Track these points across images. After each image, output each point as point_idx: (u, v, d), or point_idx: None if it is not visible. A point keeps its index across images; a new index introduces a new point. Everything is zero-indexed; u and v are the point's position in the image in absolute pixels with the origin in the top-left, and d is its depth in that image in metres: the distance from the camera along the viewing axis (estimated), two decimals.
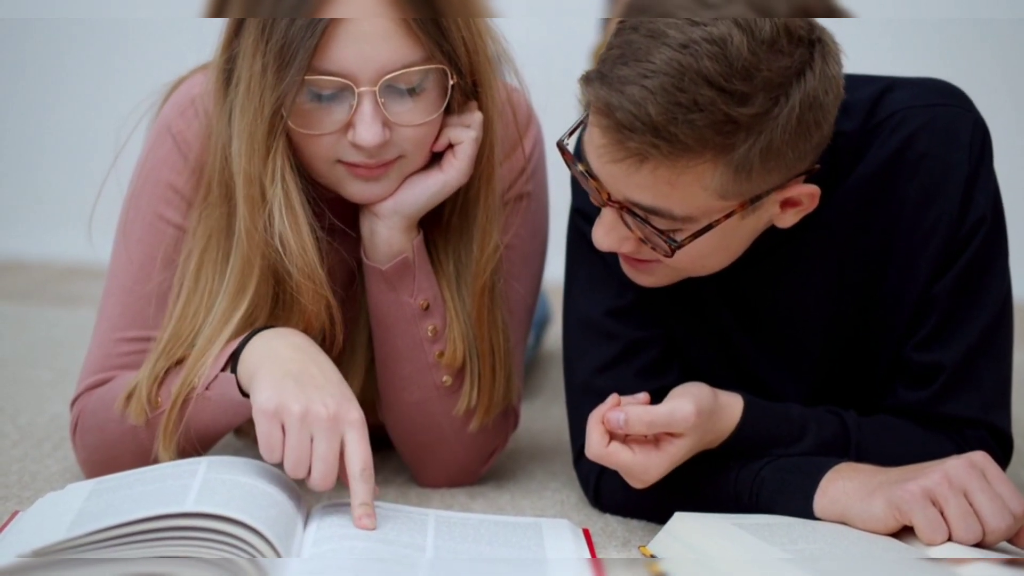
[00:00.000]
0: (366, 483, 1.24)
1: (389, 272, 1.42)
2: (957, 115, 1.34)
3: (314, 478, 1.23)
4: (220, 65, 1.36)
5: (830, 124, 1.24)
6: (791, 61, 1.18)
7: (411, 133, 1.35)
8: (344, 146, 1.34)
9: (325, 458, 1.23)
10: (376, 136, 1.32)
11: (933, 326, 1.36)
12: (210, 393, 1.35)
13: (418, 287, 1.43)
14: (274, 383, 1.26)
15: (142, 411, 1.36)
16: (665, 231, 1.25)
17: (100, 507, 1.19)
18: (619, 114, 1.18)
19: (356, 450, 1.24)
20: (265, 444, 1.24)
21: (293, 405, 1.24)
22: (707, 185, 1.21)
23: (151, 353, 1.40)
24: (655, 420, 1.27)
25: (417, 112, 1.35)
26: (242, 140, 1.33)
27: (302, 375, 1.27)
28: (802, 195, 1.27)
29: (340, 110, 1.32)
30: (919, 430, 1.38)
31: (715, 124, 1.17)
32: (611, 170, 1.22)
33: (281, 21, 1.29)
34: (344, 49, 1.30)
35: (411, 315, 1.44)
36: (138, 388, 1.37)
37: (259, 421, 1.24)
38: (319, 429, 1.24)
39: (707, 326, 1.43)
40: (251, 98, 1.31)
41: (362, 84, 1.31)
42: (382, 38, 1.30)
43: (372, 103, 1.31)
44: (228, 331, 1.36)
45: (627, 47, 1.19)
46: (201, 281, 1.40)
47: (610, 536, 1.39)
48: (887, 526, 1.23)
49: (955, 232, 1.33)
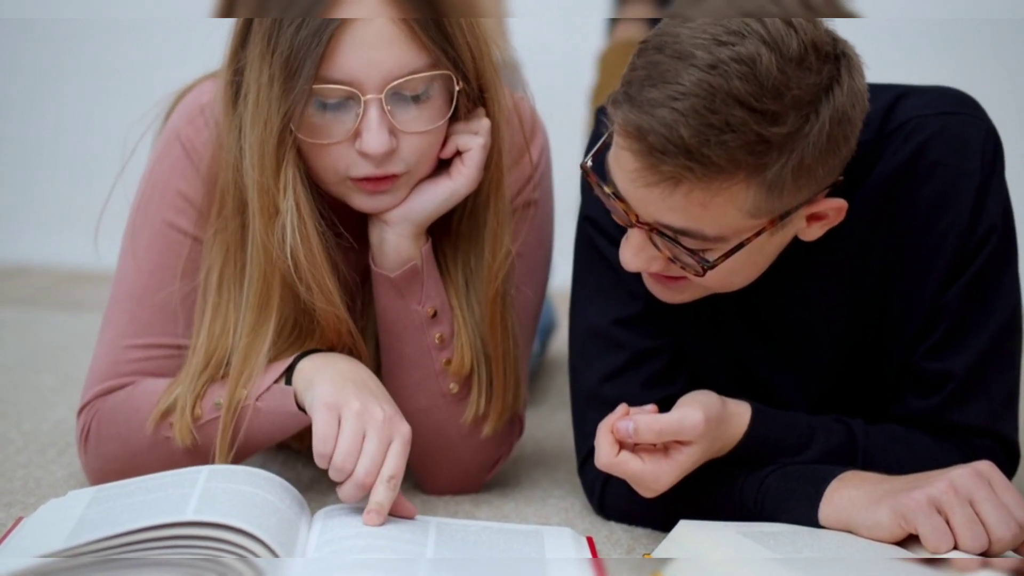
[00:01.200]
0: (390, 490, 1.28)
1: (398, 279, 1.42)
2: (969, 123, 1.34)
3: (358, 473, 1.27)
4: (227, 78, 1.37)
5: (856, 138, 1.24)
6: (819, 78, 1.18)
7: (417, 141, 1.35)
8: (352, 158, 1.34)
9: (374, 457, 1.27)
10: (383, 144, 1.32)
11: (943, 334, 1.36)
12: (261, 405, 1.36)
13: (426, 295, 1.43)
14: (334, 383, 1.32)
15: (187, 430, 1.37)
16: (696, 251, 1.25)
17: (101, 515, 1.19)
18: (651, 138, 1.17)
19: (395, 458, 1.29)
20: (320, 435, 1.28)
21: (353, 401, 1.29)
22: (740, 205, 1.20)
23: (184, 371, 1.40)
24: (664, 428, 1.27)
25: (423, 119, 1.35)
26: (253, 153, 1.34)
27: (359, 383, 1.33)
28: (829, 209, 1.27)
29: (347, 119, 1.33)
30: (926, 439, 1.37)
31: (748, 145, 1.16)
32: (644, 194, 1.22)
33: (286, 31, 1.29)
34: (349, 57, 1.30)
35: (419, 322, 1.44)
36: (180, 407, 1.37)
37: (318, 413, 1.29)
38: (373, 428, 1.28)
39: (717, 335, 1.43)
40: (260, 111, 1.32)
41: (368, 92, 1.31)
42: (387, 44, 1.30)
43: (378, 110, 1.32)
44: (265, 344, 1.38)
45: (653, 68, 1.19)
46: (224, 295, 1.41)
47: (615, 544, 1.39)
48: (892, 535, 1.23)
49: (966, 240, 1.33)
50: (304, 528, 1.26)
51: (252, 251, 1.38)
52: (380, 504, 1.27)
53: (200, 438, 1.37)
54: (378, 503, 1.27)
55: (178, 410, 1.37)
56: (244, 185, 1.37)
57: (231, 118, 1.37)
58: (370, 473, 1.27)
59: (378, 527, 1.25)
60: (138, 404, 1.40)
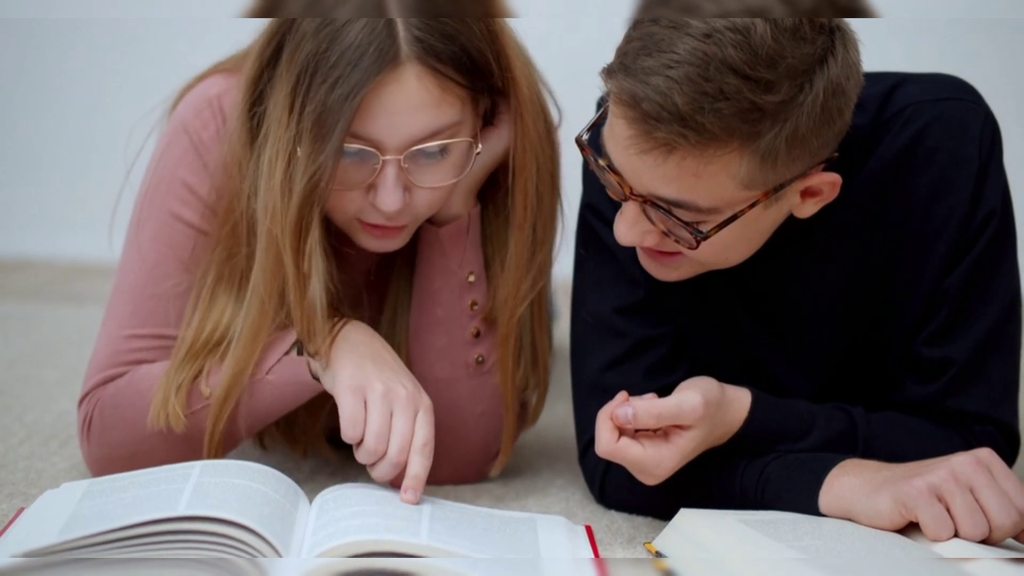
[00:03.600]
0: (425, 458, 1.30)
1: (444, 234, 1.43)
2: (968, 109, 1.34)
3: (391, 453, 1.29)
4: (244, 110, 1.36)
5: (851, 111, 1.24)
6: (814, 48, 1.18)
7: (430, 196, 1.36)
8: (364, 204, 1.35)
9: (404, 433, 1.29)
10: (397, 202, 1.32)
11: (943, 321, 1.36)
12: (272, 377, 1.37)
13: (467, 257, 1.44)
14: (355, 363, 1.33)
15: (179, 418, 1.37)
16: (690, 223, 1.25)
17: (93, 511, 1.19)
18: (645, 105, 1.17)
19: (424, 427, 1.31)
20: (349, 419, 1.29)
21: (376, 383, 1.31)
22: (733, 175, 1.20)
23: (171, 363, 1.40)
24: (663, 412, 1.27)
25: (439, 175, 1.35)
26: (271, 205, 1.32)
27: (377, 358, 1.34)
28: (823, 184, 1.27)
29: (363, 169, 1.32)
30: (927, 426, 1.37)
31: (741, 112, 1.16)
32: (637, 163, 1.22)
33: (318, 88, 1.26)
34: (377, 119, 1.29)
35: (455, 285, 1.45)
36: (167, 400, 1.37)
37: (343, 397, 1.31)
38: (399, 406, 1.30)
39: (719, 322, 1.43)
40: (283, 164, 1.30)
41: (388, 152, 1.31)
42: (415, 109, 1.29)
43: (395, 170, 1.31)
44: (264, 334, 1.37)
45: (649, 39, 1.19)
46: (218, 304, 1.41)
47: (615, 533, 1.39)
48: (893, 522, 1.23)
49: (966, 226, 1.33)
50: (302, 516, 1.26)
51: (256, 274, 1.37)
52: (417, 477, 1.29)
53: (192, 424, 1.38)
54: (415, 476, 1.29)
55: (166, 403, 1.37)
56: (255, 218, 1.36)
57: (248, 151, 1.36)
58: (403, 450, 1.29)
59: (373, 507, 1.25)
60: (141, 387, 1.40)
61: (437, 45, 1.28)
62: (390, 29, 1.27)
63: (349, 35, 1.26)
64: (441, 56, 1.28)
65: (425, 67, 1.28)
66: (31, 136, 3.46)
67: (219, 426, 1.38)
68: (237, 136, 1.38)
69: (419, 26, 1.28)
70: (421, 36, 1.27)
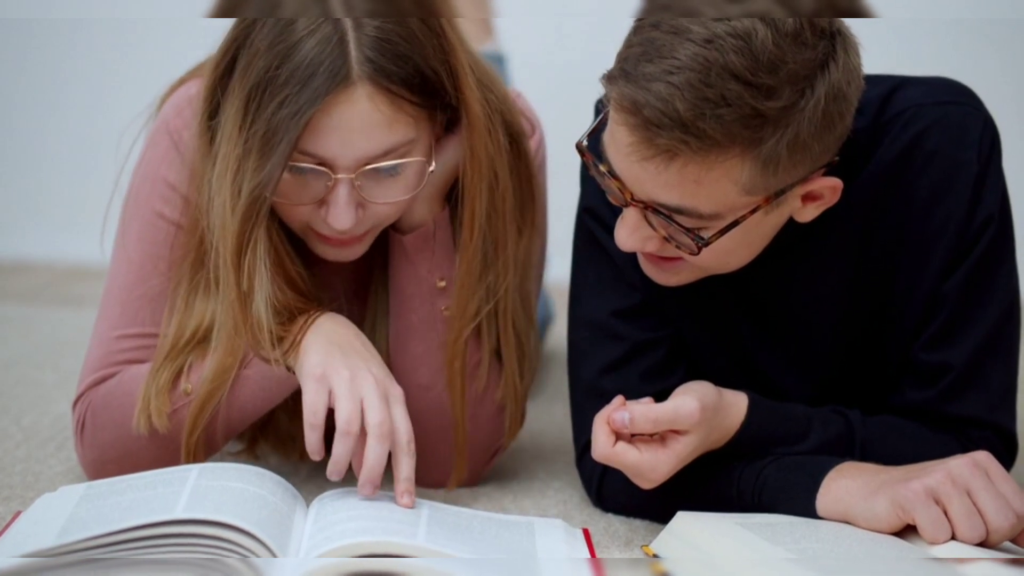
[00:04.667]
0: (410, 457, 1.29)
1: (408, 241, 1.42)
2: (967, 113, 1.34)
3: (372, 427, 1.27)
4: (202, 122, 1.35)
5: (852, 115, 1.24)
6: (815, 53, 1.18)
7: (385, 210, 1.35)
8: (317, 217, 1.34)
9: (380, 409, 1.28)
10: (348, 221, 1.32)
11: (941, 325, 1.36)
12: (249, 372, 1.36)
13: (436, 263, 1.43)
14: (321, 350, 1.31)
15: (162, 418, 1.37)
16: (691, 229, 1.24)
17: (90, 514, 1.19)
18: (647, 111, 1.17)
19: (403, 423, 1.29)
20: (310, 405, 1.28)
21: (342, 370, 1.29)
22: (735, 181, 1.20)
23: (153, 363, 1.39)
24: (660, 417, 1.27)
25: (393, 192, 1.34)
26: (222, 217, 1.32)
27: (347, 346, 1.33)
28: (824, 188, 1.27)
29: (315, 185, 1.31)
30: (924, 430, 1.37)
31: (743, 118, 1.16)
32: (638, 169, 1.22)
33: (266, 106, 1.26)
34: (328, 138, 1.28)
35: (427, 291, 1.44)
36: (148, 402, 1.37)
37: (307, 385, 1.29)
38: (369, 391, 1.28)
39: (717, 325, 1.43)
40: (230, 178, 1.30)
41: (340, 171, 1.30)
42: (366, 128, 1.28)
43: (348, 188, 1.31)
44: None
45: (649, 44, 1.19)
46: (197, 304, 1.40)
47: (612, 536, 1.39)
48: (890, 525, 1.23)
49: (964, 230, 1.33)
50: (299, 520, 1.26)
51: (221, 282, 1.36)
52: (409, 479, 1.28)
53: (176, 423, 1.37)
54: (407, 479, 1.28)
55: (148, 405, 1.37)
56: (212, 225, 1.35)
57: (208, 156, 1.35)
58: (383, 423, 1.27)
59: (371, 511, 1.25)
60: (130, 388, 1.40)
61: (389, 65, 1.27)
62: (342, 48, 1.26)
63: (301, 53, 1.25)
64: (393, 76, 1.27)
65: (377, 87, 1.27)
66: (30, 138, 3.46)
67: (199, 423, 1.37)
68: (196, 147, 1.38)
69: (371, 46, 1.26)
70: (373, 56, 1.26)
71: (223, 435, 1.41)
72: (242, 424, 1.42)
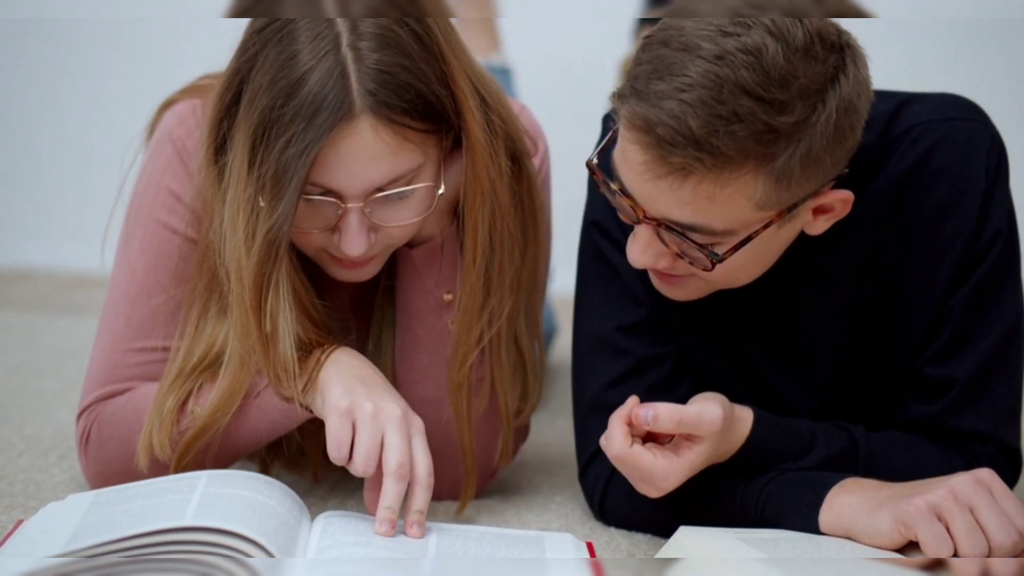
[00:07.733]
0: (427, 491, 1.29)
1: (416, 255, 1.42)
2: (975, 129, 1.34)
3: (390, 468, 1.27)
4: (210, 156, 1.35)
5: (862, 128, 1.25)
6: (825, 67, 1.18)
7: (397, 232, 1.35)
8: (330, 241, 1.34)
9: (400, 450, 1.28)
10: (361, 247, 1.32)
11: (947, 339, 1.36)
12: (259, 401, 1.36)
13: (443, 277, 1.43)
14: (344, 384, 1.32)
15: (164, 447, 1.36)
16: (704, 245, 1.25)
17: (100, 521, 1.19)
18: (660, 129, 1.17)
19: (422, 456, 1.30)
20: (334, 440, 1.28)
21: (365, 403, 1.29)
22: (749, 197, 1.20)
23: (160, 387, 1.39)
24: (684, 419, 1.26)
25: (404, 214, 1.34)
26: (236, 260, 1.32)
27: (368, 380, 1.33)
28: (836, 201, 1.27)
29: (327, 213, 1.32)
30: (928, 445, 1.37)
31: (756, 134, 1.16)
32: (652, 188, 1.22)
33: (273, 146, 1.26)
34: (335, 171, 1.28)
35: (434, 304, 1.44)
36: (151, 437, 1.36)
37: (331, 418, 1.29)
38: (391, 425, 1.29)
39: (723, 339, 1.43)
40: (243, 220, 1.30)
41: (349, 200, 1.30)
42: (372, 159, 1.28)
43: (358, 216, 1.31)
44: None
45: (659, 62, 1.19)
46: (208, 328, 1.40)
47: (614, 550, 1.38)
48: (893, 541, 1.23)
49: (971, 246, 1.33)
50: (304, 532, 1.26)
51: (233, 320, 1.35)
52: (421, 511, 1.29)
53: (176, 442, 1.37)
54: (419, 511, 1.29)
55: (152, 434, 1.36)
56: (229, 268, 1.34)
57: (216, 200, 1.35)
58: (402, 465, 1.27)
59: (380, 539, 1.24)
60: (140, 407, 1.40)
61: (391, 96, 1.27)
62: (344, 82, 1.25)
63: (304, 89, 1.25)
64: (395, 106, 1.27)
65: (380, 118, 1.27)
66: (32, 147, 3.47)
67: (192, 449, 1.36)
68: (205, 180, 1.37)
69: (373, 78, 1.26)
70: (373, 88, 1.26)
71: (212, 465, 1.39)
72: (236, 455, 1.41)
